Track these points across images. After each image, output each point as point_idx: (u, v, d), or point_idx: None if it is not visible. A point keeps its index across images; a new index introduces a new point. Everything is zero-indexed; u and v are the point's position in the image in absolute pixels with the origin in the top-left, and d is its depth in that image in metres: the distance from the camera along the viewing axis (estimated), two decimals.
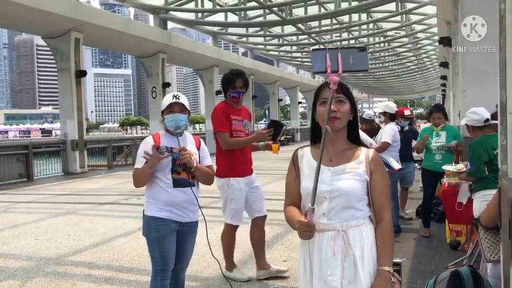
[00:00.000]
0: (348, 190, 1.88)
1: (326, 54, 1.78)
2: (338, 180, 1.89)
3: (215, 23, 23.50)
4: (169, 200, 2.99)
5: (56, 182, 13.43)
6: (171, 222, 3.00)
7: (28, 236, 6.33)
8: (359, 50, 1.83)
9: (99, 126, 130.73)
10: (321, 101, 1.91)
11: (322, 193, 1.87)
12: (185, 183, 3.02)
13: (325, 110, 1.85)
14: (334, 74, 1.78)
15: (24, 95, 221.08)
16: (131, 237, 5.93)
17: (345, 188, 1.88)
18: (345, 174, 1.91)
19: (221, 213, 4.21)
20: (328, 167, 1.92)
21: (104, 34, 17.06)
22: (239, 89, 4.07)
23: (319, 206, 1.87)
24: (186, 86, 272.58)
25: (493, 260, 2.81)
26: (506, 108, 1.71)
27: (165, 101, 3.05)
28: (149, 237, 3.05)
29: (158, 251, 3.02)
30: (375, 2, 18.49)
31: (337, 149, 1.96)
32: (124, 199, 9.16)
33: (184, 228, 3.09)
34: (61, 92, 16.41)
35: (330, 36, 27.42)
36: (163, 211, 2.99)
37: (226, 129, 4.03)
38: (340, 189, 1.88)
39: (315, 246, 1.91)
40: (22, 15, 13.78)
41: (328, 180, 1.89)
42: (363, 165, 1.93)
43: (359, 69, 1.86)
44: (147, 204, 3.07)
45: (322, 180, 1.86)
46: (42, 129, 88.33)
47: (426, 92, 68.23)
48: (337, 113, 1.88)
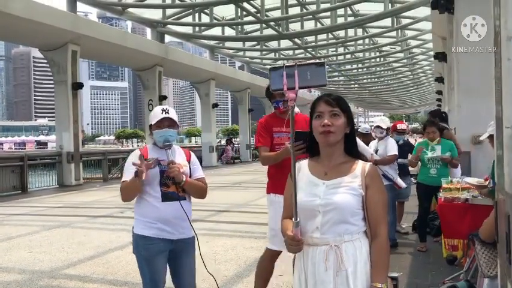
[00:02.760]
0: (342, 204, 1.86)
1: (283, 71, 1.77)
2: (332, 194, 1.88)
3: (212, 37, 23.65)
4: (158, 216, 2.83)
5: (50, 195, 13.34)
6: (160, 241, 2.84)
7: (21, 248, 6.27)
8: (317, 65, 1.80)
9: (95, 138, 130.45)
10: (316, 115, 1.93)
11: (316, 207, 1.87)
12: (174, 196, 2.87)
13: (319, 124, 1.89)
14: (291, 91, 1.76)
15: (20, 107, 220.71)
16: (126, 251, 5.87)
17: (339, 202, 1.86)
18: (339, 188, 1.89)
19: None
20: (322, 180, 1.92)
21: (101, 47, 17.11)
22: (278, 97, 3.60)
23: (312, 220, 1.87)
24: (182, 99, 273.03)
25: (491, 275, 2.80)
26: (502, 122, 1.72)
27: (154, 116, 2.94)
28: (139, 256, 2.90)
29: (148, 271, 2.86)
30: (371, 17, 18.67)
31: (333, 162, 1.95)
32: (119, 212, 9.09)
33: (178, 246, 2.91)
34: (57, 104, 16.40)
35: (326, 51, 27.61)
36: (152, 229, 2.83)
37: (262, 143, 3.66)
38: (334, 204, 1.86)
39: (308, 260, 1.90)
40: (19, 28, 13.82)
41: (322, 194, 1.88)
42: (358, 179, 1.91)
43: (317, 85, 1.80)
44: (136, 221, 2.92)
45: (316, 194, 1.89)
46: (38, 141, 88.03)
47: (422, 107, 68.52)
48: (331, 127, 1.88)
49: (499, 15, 1.76)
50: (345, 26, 20.61)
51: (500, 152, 1.77)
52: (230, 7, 19.13)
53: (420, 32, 21.37)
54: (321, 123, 1.90)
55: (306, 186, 1.93)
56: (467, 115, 6.13)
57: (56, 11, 14.85)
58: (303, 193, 1.90)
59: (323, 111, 1.92)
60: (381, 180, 2.02)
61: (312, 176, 1.96)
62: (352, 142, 2.01)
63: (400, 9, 17.71)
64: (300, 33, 21.39)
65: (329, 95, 1.97)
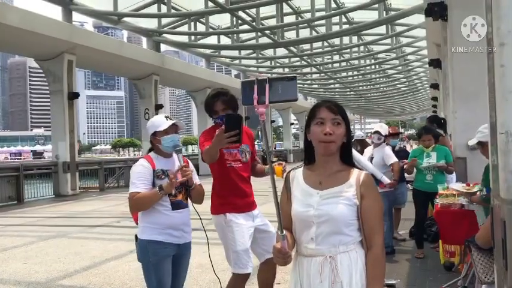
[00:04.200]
0: (336, 215, 1.81)
1: (254, 85, 1.74)
2: (326, 204, 1.83)
3: (208, 46, 23.70)
4: (169, 223, 2.97)
5: (46, 205, 13.27)
6: (169, 245, 2.96)
7: (17, 259, 6.22)
8: (288, 79, 1.78)
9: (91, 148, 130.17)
10: (318, 121, 1.85)
11: (310, 217, 1.83)
12: (181, 205, 3.04)
13: (321, 131, 1.82)
14: (262, 105, 1.72)
15: (16, 117, 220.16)
16: (123, 261, 5.84)
17: (332, 212, 1.81)
18: (333, 198, 1.84)
19: (216, 234, 4.02)
20: (317, 190, 1.88)
21: (97, 56, 17.12)
22: (221, 112, 3.37)
23: (307, 231, 1.85)
24: (178, 108, 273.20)
25: (488, 281, 2.80)
26: (496, 128, 1.73)
27: (160, 123, 3.00)
28: (146, 262, 2.96)
29: (155, 276, 2.93)
30: (366, 25, 18.77)
31: (328, 171, 1.89)
32: (116, 222, 9.05)
33: (181, 250, 3.06)
34: (53, 114, 16.38)
35: (321, 59, 27.71)
36: (162, 234, 2.94)
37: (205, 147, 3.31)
38: (328, 214, 1.81)
39: (304, 271, 1.87)
40: (15, 38, 13.82)
41: (316, 204, 1.84)
42: (352, 188, 1.85)
43: (288, 99, 1.78)
44: (144, 228, 2.98)
45: (310, 204, 1.85)
46: (34, 151, 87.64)
47: (417, 113, 68.81)
48: (332, 136, 1.81)
49: (491, 21, 1.78)
50: (340, 34, 20.71)
51: (494, 158, 1.78)
52: (226, 16, 19.18)
53: (415, 39, 21.50)
54: (322, 131, 1.82)
55: (300, 196, 1.89)
56: (462, 121, 6.15)
57: (51, 21, 14.86)
58: (298, 203, 1.88)
59: (325, 118, 1.84)
60: (377, 188, 1.97)
61: (306, 186, 1.91)
62: (349, 151, 1.96)
63: (394, 16, 17.81)
64: (296, 41, 21.46)
65: (330, 102, 1.90)
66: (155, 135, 3.02)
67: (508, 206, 1.62)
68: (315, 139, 1.85)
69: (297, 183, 1.94)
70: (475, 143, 3.88)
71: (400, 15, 17.47)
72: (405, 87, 38.68)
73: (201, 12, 18.76)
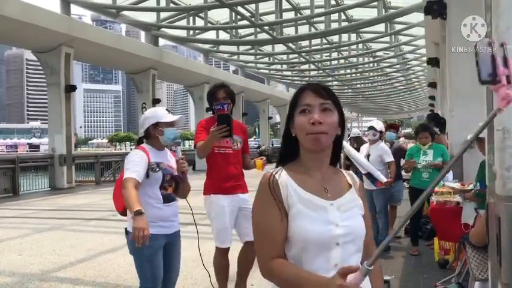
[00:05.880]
0: (359, 231, 1.45)
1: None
2: (348, 219, 1.43)
3: (206, 41, 23.65)
4: (161, 216, 3.01)
5: (42, 197, 13.25)
6: (160, 237, 3.00)
7: (12, 251, 6.22)
8: None
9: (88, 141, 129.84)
10: (302, 108, 1.44)
11: (334, 238, 1.38)
12: (171, 198, 3.10)
13: (307, 121, 1.41)
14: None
15: (13, 109, 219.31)
16: (118, 254, 5.84)
17: (357, 228, 1.44)
18: (351, 210, 1.46)
19: (208, 229, 4.12)
20: (328, 200, 1.43)
21: (95, 50, 17.07)
22: (222, 100, 3.81)
23: (326, 256, 1.38)
24: (176, 103, 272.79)
25: (482, 278, 2.82)
26: (493, 126, 1.74)
27: (163, 114, 3.06)
28: (139, 255, 2.96)
29: (149, 268, 2.96)
30: (364, 23, 18.77)
31: (325, 174, 1.49)
32: (111, 215, 9.04)
33: (171, 239, 3.11)
34: (50, 107, 16.33)
35: (319, 56, 27.71)
36: (154, 227, 2.92)
37: (200, 139, 3.74)
38: (354, 232, 1.42)
39: None
40: (13, 30, 13.76)
41: (339, 220, 1.40)
42: (356, 194, 1.52)
43: None
44: None
45: (329, 220, 1.39)
46: (30, 144, 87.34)
47: (415, 112, 68.90)
48: (322, 125, 1.40)
49: (490, 20, 1.78)
50: (339, 31, 20.69)
51: (491, 155, 1.78)
52: (224, 11, 19.15)
53: (413, 37, 21.51)
54: (309, 120, 1.41)
55: (309, 209, 1.40)
56: (459, 119, 6.17)
57: (49, 13, 14.80)
58: (309, 220, 1.38)
59: (311, 105, 1.43)
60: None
61: (310, 195, 1.42)
62: (340, 147, 1.57)
63: (393, 14, 17.81)
64: (294, 37, 21.45)
65: (317, 84, 1.49)
66: (157, 125, 3.03)
67: (503, 203, 1.63)
68: (301, 131, 1.43)
69: (293, 192, 1.42)
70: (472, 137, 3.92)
71: (399, 14, 17.48)
72: (403, 86, 38.75)
73: (200, 7, 18.72)
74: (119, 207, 3.15)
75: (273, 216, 1.40)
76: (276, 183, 1.43)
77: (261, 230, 1.42)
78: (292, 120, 1.48)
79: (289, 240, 1.41)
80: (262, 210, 1.43)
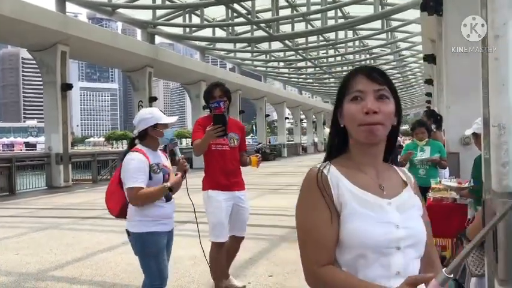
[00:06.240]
0: (421, 233, 1.27)
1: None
2: (409, 219, 1.25)
3: (203, 38, 23.63)
4: (164, 214, 3.07)
5: (39, 196, 13.21)
6: (164, 234, 3.07)
7: (8, 250, 6.19)
8: None
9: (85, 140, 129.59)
10: (354, 96, 1.26)
11: (395, 241, 1.20)
12: (169, 196, 3.15)
13: (360, 110, 1.23)
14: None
15: (9, 108, 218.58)
16: (115, 252, 5.83)
17: (419, 230, 1.26)
18: (410, 209, 1.29)
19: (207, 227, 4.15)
20: (386, 199, 1.26)
21: (91, 48, 17.00)
22: (218, 98, 3.97)
23: (385, 263, 1.20)
24: (172, 101, 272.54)
25: (478, 274, 2.82)
26: (489, 122, 1.73)
27: (160, 115, 3.09)
28: (146, 254, 3.02)
29: (156, 265, 3.02)
30: (361, 19, 18.79)
31: (380, 170, 1.31)
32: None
33: (169, 236, 3.17)
34: (46, 105, 16.25)
35: (316, 53, 27.72)
36: (158, 225, 3.03)
37: (196, 137, 3.94)
38: (416, 234, 1.25)
39: None
40: (8, 28, 13.69)
41: (399, 221, 1.23)
42: (413, 193, 1.34)
43: None
44: (140, 222, 3.01)
45: (389, 220, 1.22)
46: (26, 143, 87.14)
47: (411, 109, 69.02)
48: (378, 114, 1.22)
49: (486, 15, 1.78)
50: (335, 28, 20.72)
51: (487, 151, 1.78)
52: (221, 8, 19.14)
53: (410, 34, 21.56)
54: (362, 109, 1.23)
55: (364, 209, 1.22)
56: (456, 116, 6.17)
57: (45, 11, 14.73)
58: (365, 221, 1.20)
59: (364, 91, 1.25)
60: None
61: (367, 193, 1.25)
62: (395, 139, 1.38)
63: (390, 11, 17.84)
64: (291, 35, 21.46)
65: (372, 68, 1.32)
66: (155, 127, 3.06)
67: (500, 199, 1.63)
68: (352, 121, 1.25)
69: (346, 189, 1.25)
70: (471, 132, 3.94)
71: (395, 10, 17.51)
72: (399, 83, 38.79)
73: (196, 4, 18.69)
74: (113, 211, 3.21)
75: (322, 218, 1.22)
76: (326, 180, 1.24)
77: (308, 233, 1.23)
78: (340, 109, 1.30)
79: (341, 245, 1.22)
80: (309, 211, 1.24)
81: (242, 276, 4.65)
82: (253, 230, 6.42)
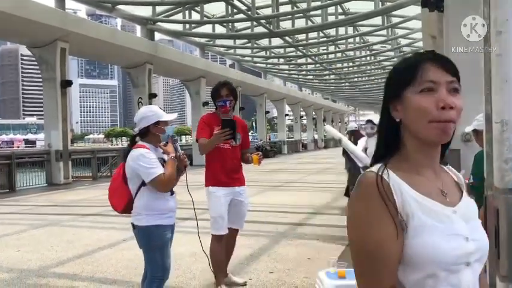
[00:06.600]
0: (487, 245, 1.11)
1: None
2: (474, 230, 1.08)
3: (203, 35, 23.58)
4: (170, 207, 3.15)
5: (39, 193, 13.20)
6: (169, 227, 3.15)
7: (9, 247, 6.20)
8: None
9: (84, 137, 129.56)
10: (426, 87, 1.05)
11: (466, 256, 1.03)
12: (172, 190, 3.22)
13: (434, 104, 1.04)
14: None
15: (8, 105, 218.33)
16: (115, 249, 5.83)
17: (485, 242, 1.10)
18: (473, 219, 1.11)
19: (207, 224, 4.18)
20: (449, 207, 1.07)
21: (90, 44, 16.98)
22: (225, 97, 4.08)
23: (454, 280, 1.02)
24: (172, 97, 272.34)
25: None
26: (491, 119, 1.73)
27: (162, 112, 3.17)
28: (151, 247, 3.10)
29: (161, 258, 3.10)
30: (361, 16, 18.75)
31: (438, 172, 1.14)
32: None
33: (172, 230, 3.22)
34: (46, 102, 16.24)
35: (316, 49, 27.67)
36: (164, 218, 3.10)
37: (202, 136, 4.03)
38: (483, 247, 1.08)
39: None
40: (7, 25, 13.66)
41: (468, 232, 1.05)
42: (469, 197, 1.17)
43: None
44: (146, 216, 3.07)
45: (458, 232, 1.04)
46: (26, 140, 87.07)
47: None
48: (453, 111, 1.04)
49: (489, 12, 1.77)
50: (336, 24, 20.68)
51: (489, 148, 1.78)
52: (221, 4, 19.09)
53: (410, 30, 21.53)
54: (437, 103, 1.04)
55: (432, 220, 1.03)
56: None
57: (44, 7, 14.69)
58: (436, 234, 1.01)
59: (438, 82, 1.05)
60: None
61: (431, 201, 1.06)
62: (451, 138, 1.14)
63: (390, 7, 17.80)
64: (291, 31, 21.41)
65: (441, 56, 1.12)
66: (157, 124, 3.12)
67: (502, 195, 1.63)
68: (422, 117, 1.05)
69: (410, 197, 1.04)
70: (471, 130, 3.93)
71: (396, 6, 17.47)
72: None
73: (196, 1, 18.65)
74: (118, 208, 3.23)
75: (387, 232, 1.00)
76: (388, 186, 1.02)
77: (369, 250, 1.01)
78: (397, 101, 1.09)
79: (406, 263, 1.01)
80: (371, 225, 1.01)
81: (243, 273, 4.66)
82: (253, 227, 6.43)
